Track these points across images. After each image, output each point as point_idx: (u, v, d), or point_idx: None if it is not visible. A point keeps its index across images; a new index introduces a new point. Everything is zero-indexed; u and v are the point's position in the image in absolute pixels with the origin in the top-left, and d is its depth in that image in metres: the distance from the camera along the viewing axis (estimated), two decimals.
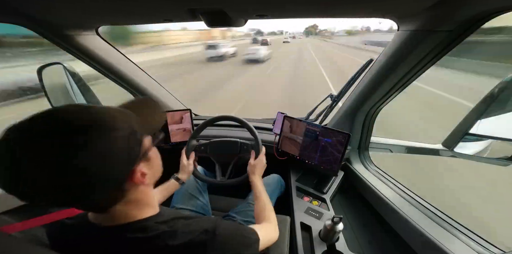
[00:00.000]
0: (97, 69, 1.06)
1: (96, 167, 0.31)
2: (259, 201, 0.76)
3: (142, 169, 0.39)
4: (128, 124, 0.36)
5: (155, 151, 0.45)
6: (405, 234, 0.76)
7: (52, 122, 0.30)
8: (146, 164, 0.41)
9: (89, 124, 0.31)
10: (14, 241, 0.34)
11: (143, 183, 0.40)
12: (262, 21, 4.35)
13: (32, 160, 0.28)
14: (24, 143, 0.28)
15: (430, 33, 0.60)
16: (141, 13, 0.71)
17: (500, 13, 0.51)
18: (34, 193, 0.30)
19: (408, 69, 0.73)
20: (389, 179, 0.97)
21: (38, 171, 0.28)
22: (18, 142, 0.28)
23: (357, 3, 0.57)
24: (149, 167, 0.42)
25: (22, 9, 0.64)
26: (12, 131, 0.29)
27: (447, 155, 0.88)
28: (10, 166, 0.28)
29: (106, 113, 0.34)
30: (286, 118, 1.10)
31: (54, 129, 0.29)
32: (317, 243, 0.78)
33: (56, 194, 0.30)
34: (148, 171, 0.41)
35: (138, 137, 0.38)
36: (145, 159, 0.41)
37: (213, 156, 1.03)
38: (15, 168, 0.28)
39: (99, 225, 0.41)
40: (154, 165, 0.44)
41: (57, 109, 0.32)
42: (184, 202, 0.94)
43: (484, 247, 0.62)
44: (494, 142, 0.71)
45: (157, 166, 0.46)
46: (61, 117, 0.31)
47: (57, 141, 0.29)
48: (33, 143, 0.28)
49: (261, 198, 0.76)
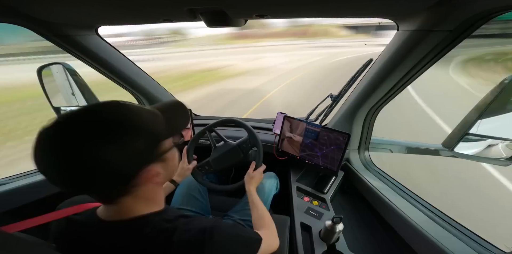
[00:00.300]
0: (97, 69, 1.06)
1: (110, 162, 0.33)
2: (256, 210, 0.75)
3: (158, 168, 0.41)
4: (152, 125, 0.39)
5: (174, 153, 0.47)
6: (405, 234, 0.76)
7: (93, 115, 0.35)
8: (162, 164, 0.43)
9: (121, 119, 0.35)
10: (15, 240, 0.34)
11: (155, 182, 0.42)
12: None
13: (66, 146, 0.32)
14: (67, 130, 0.33)
15: (430, 33, 0.60)
16: (140, 13, 0.71)
17: (500, 13, 0.51)
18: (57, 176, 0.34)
19: (408, 69, 0.73)
20: (389, 179, 0.97)
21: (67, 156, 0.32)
22: (63, 128, 0.33)
23: (357, 3, 0.57)
24: (165, 167, 0.44)
25: (22, 9, 0.65)
26: (62, 117, 0.34)
27: (447, 155, 0.88)
28: (51, 149, 0.32)
29: (137, 112, 0.38)
30: (286, 118, 1.10)
31: (92, 120, 0.34)
32: (317, 243, 0.78)
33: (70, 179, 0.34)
34: (163, 171, 0.43)
35: (158, 139, 0.40)
36: (162, 160, 0.43)
37: (218, 168, 1.02)
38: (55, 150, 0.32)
39: (105, 220, 0.42)
40: (169, 166, 0.46)
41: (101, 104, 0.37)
42: (184, 203, 0.94)
43: (484, 247, 0.62)
44: (494, 142, 0.71)
45: (173, 167, 0.48)
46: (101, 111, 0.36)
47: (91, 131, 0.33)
48: (72, 132, 0.33)
49: (258, 207, 0.76)
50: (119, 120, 0.35)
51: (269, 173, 1.12)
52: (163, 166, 0.43)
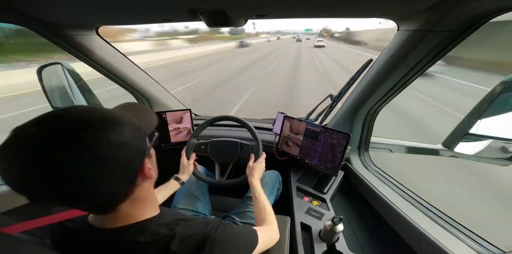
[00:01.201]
0: (97, 69, 1.06)
1: (112, 159, 0.32)
2: (258, 203, 0.75)
3: (148, 164, 0.41)
4: (133, 120, 0.38)
5: (153, 150, 0.47)
6: (405, 234, 0.76)
7: (56, 123, 0.31)
8: (149, 161, 0.43)
9: (97, 119, 0.33)
10: (14, 242, 0.34)
11: (152, 176, 0.42)
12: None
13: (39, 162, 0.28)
14: (30, 147, 0.28)
15: (430, 33, 0.60)
16: (140, 13, 0.71)
17: (500, 13, 0.51)
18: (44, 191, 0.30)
19: (408, 69, 0.73)
20: (389, 179, 0.97)
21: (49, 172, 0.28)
22: (24, 145, 0.28)
23: (357, 3, 0.57)
24: (151, 164, 0.43)
25: (22, 9, 0.64)
26: (16, 134, 0.29)
27: (447, 155, 0.88)
28: (19, 168, 0.28)
29: (110, 111, 0.37)
30: (286, 118, 1.10)
31: (60, 130, 0.30)
32: (317, 243, 0.78)
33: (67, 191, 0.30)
34: (152, 167, 0.43)
35: (143, 133, 0.40)
36: (149, 156, 0.43)
37: (213, 156, 1.03)
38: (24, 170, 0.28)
39: (99, 228, 0.41)
40: (153, 162, 0.46)
41: (58, 111, 0.33)
42: (185, 203, 0.94)
43: (484, 247, 0.62)
44: (494, 142, 0.71)
45: (155, 163, 0.47)
46: (66, 117, 0.32)
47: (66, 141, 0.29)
48: (40, 147, 0.28)
49: (260, 200, 0.76)
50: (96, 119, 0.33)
51: (272, 171, 1.12)
52: (150, 162, 0.43)
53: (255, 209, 0.75)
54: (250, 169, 0.88)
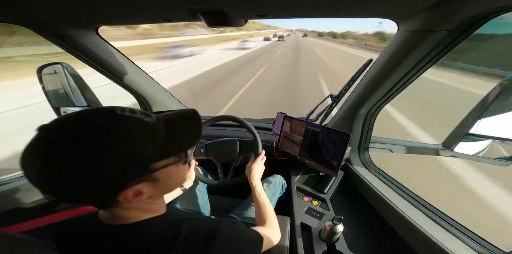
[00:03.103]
0: (97, 69, 1.06)
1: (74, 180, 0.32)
2: (258, 204, 0.75)
3: (142, 188, 0.37)
4: (134, 147, 0.34)
5: (169, 172, 0.41)
6: (405, 234, 0.76)
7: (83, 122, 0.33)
8: (150, 183, 0.39)
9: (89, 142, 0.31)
10: (15, 242, 0.34)
11: (137, 201, 0.38)
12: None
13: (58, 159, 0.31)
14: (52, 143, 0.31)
15: (430, 33, 0.60)
16: (141, 13, 0.71)
17: (500, 13, 0.51)
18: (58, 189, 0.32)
19: (408, 69, 0.73)
20: (389, 179, 0.97)
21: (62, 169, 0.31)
22: (47, 142, 0.31)
23: (357, 3, 0.57)
24: (154, 186, 0.40)
25: (22, 9, 0.64)
26: (43, 130, 0.32)
27: (447, 155, 0.88)
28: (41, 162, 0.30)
29: (114, 129, 0.33)
30: (286, 118, 1.10)
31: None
32: (317, 243, 0.78)
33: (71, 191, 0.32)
34: (151, 190, 0.39)
35: (142, 161, 0.36)
36: (149, 179, 0.39)
37: (213, 158, 1.02)
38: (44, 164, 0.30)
39: (107, 224, 0.42)
40: (162, 185, 0.41)
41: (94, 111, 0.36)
42: (184, 203, 0.94)
43: (484, 247, 0.62)
44: (494, 142, 0.71)
45: (168, 186, 0.44)
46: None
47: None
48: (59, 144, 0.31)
49: (260, 200, 0.76)
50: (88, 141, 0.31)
51: (275, 175, 1.11)
52: (151, 185, 0.39)
53: (256, 209, 0.75)
54: (249, 169, 0.88)
